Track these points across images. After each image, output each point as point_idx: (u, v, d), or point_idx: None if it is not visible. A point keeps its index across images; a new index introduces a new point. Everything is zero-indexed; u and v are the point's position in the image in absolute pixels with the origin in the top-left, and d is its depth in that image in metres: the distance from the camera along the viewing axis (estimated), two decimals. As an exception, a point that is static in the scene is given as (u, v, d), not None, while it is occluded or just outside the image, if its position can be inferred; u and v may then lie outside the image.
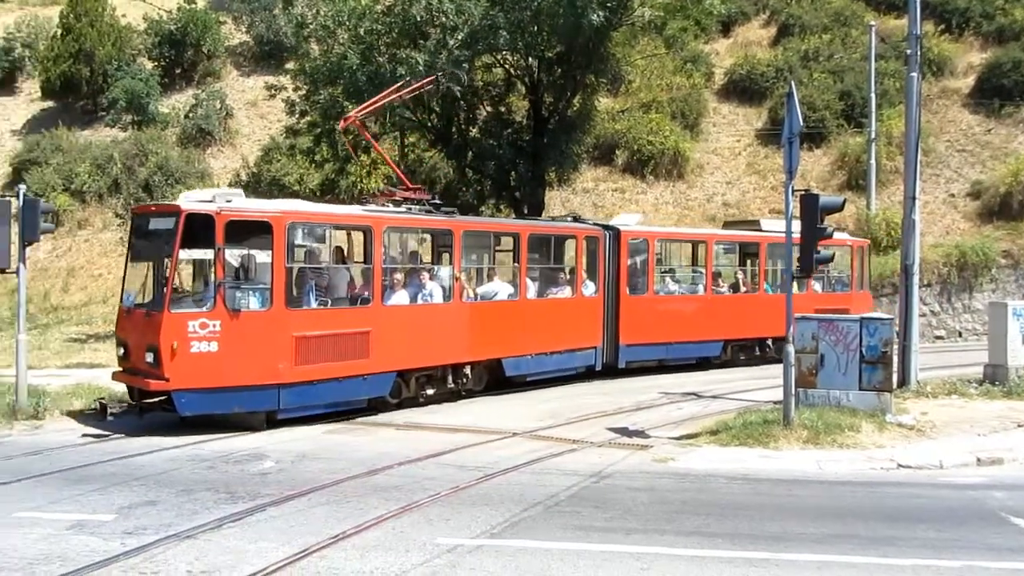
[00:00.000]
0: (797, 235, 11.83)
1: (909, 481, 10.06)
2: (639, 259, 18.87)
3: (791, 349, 11.77)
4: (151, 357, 11.60)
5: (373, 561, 6.86)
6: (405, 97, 18.33)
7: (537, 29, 21.04)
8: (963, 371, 16.93)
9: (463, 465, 10.37)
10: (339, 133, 20.93)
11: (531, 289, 16.56)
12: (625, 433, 12.48)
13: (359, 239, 14.92)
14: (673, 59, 35.41)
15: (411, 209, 14.98)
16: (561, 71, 23.08)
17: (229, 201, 12.19)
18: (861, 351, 12.62)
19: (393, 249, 15.57)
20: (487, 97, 24.67)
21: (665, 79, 34.53)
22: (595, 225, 18.49)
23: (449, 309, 14.79)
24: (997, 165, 30.16)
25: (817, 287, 21.55)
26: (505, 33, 20.64)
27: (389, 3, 22.22)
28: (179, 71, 36.88)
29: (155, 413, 12.17)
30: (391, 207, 14.80)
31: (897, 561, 7.08)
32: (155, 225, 12.56)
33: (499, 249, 17.07)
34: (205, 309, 11.78)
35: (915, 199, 15.77)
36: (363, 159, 26.70)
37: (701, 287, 20.10)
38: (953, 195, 30.21)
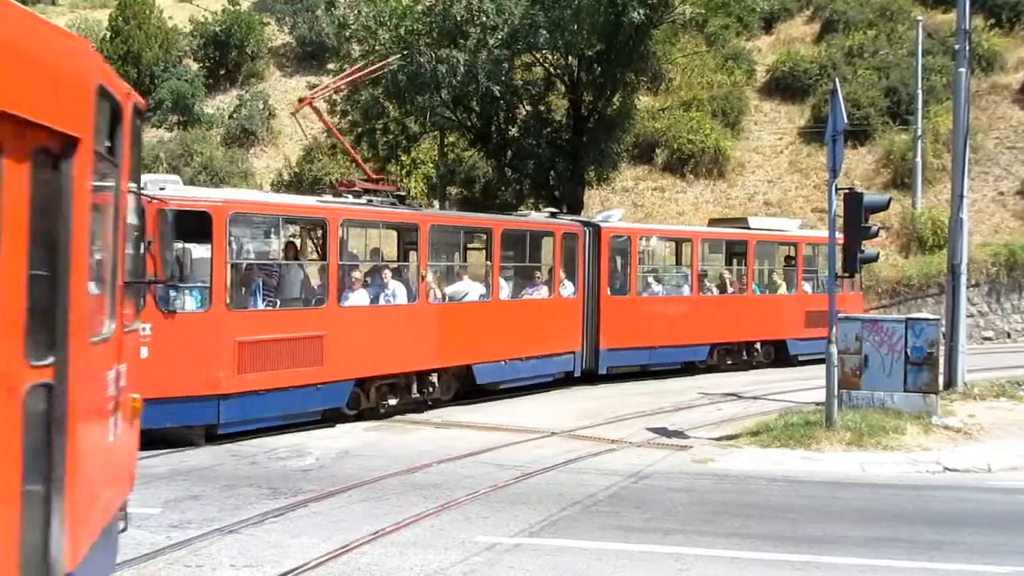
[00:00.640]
0: (830, 236, 11.68)
1: (955, 484, 9.88)
2: (621, 258, 17.90)
3: (834, 350, 11.62)
4: None
5: (412, 558, 6.91)
6: (366, 78, 17.82)
7: (577, 27, 21.02)
8: (1012, 373, 16.57)
9: (502, 464, 10.39)
10: (293, 116, 19.44)
11: (504, 289, 15.38)
12: (664, 433, 12.42)
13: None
14: (714, 56, 35.17)
15: (372, 201, 13.70)
16: (601, 69, 23.03)
17: (162, 188, 10.67)
18: (906, 352, 12.41)
19: (359, 245, 14.57)
20: (526, 96, 24.71)
21: (706, 77, 34.27)
22: (574, 221, 17.53)
23: (414, 311, 13.51)
24: (1048, 162, 29.49)
25: (807, 288, 20.84)
26: (545, 32, 20.66)
27: (430, 3, 22.36)
28: (223, 72, 37.45)
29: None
30: (351, 199, 13.57)
31: (943, 566, 6.96)
32: None
33: (471, 247, 16.11)
34: None
35: (963, 197, 15.47)
36: (403, 159, 26.87)
37: (687, 288, 19.13)
38: (1002, 193, 29.59)
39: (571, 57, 22.95)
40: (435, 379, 13.97)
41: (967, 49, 15.71)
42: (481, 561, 6.87)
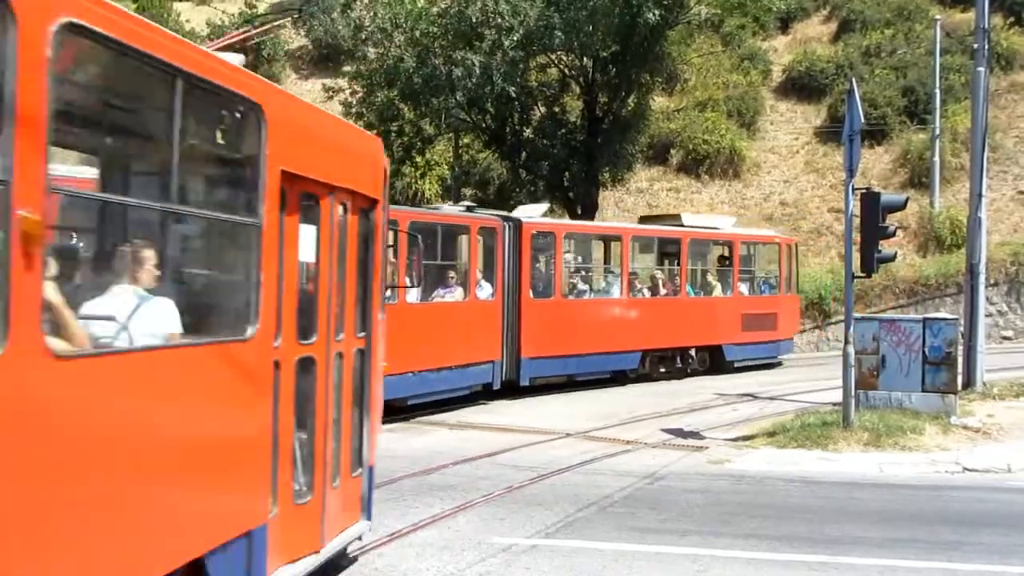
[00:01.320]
0: (847, 235, 11.62)
1: (974, 485, 9.81)
2: (544, 257, 16.63)
3: (851, 350, 11.56)
4: None
5: (429, 559, 6.92)
6: (259, 35, 16.96)
7: (592, 29, 21.00)
8: (1032, 373, 16.43)
9: (517, 465, 10.40)
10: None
11: (411, 291, 13.31)
12: (680, 434, 12.40)
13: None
14: (730, 56, 35.02)
15: None
16: (616, 70, 23.00)
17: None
18: (924, 352, 12.34)
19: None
20: (541, 97, 24.70)
21: (721, 77, 34.14)
22: (493, 215, 15.95)
23: None
24: (1068, 161, 29.23)
25: (744, 289, 19.90)
26: (560, 33, 20.65)
27: (445, 5, 22.39)
28: (240, 75, 37.63)
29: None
30: None
31: (962, 566, 6.91)
32: None
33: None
34: None
35: (981, 196, 15.36)
36: (418, 161, 26.93)
37: (616, 289, 17.61)
38: (1021, 192, 29.33)
39: (586, 58, 22.93)
40: None
41: (986, 48, 15.61)
42: (497, 563, 6.88)
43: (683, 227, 18.83)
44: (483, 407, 14.48)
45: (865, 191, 11.94)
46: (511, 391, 15.47)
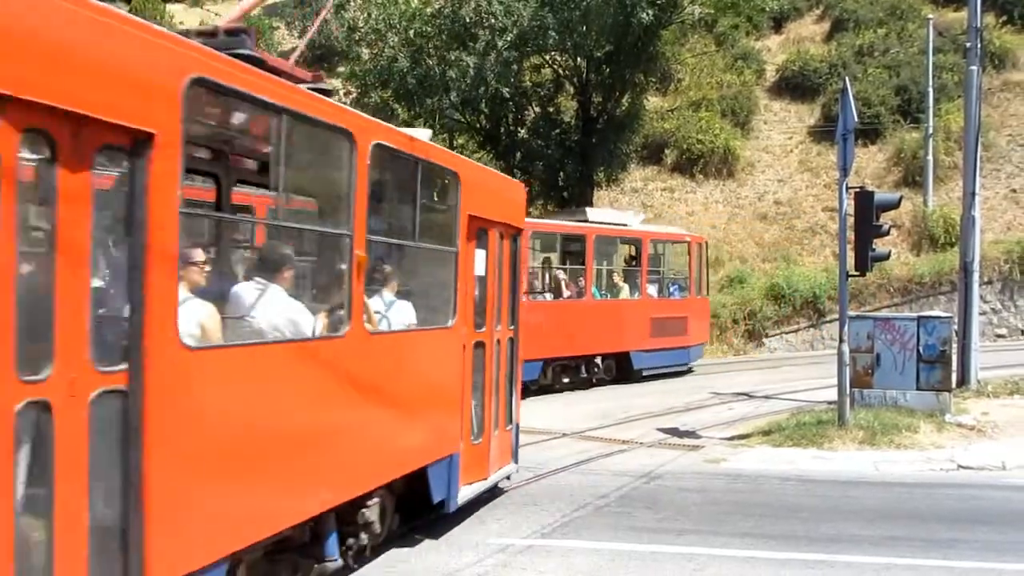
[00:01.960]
0: (841, 234, 11.64)
1: (970, 482, 9.83)
2: None
3: (846, 349, 11.58)
4: None
5: (426, 560, 6.92)
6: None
7: (586, 29, 21.03)
8: (1026, 371, 16.48)
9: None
10: None
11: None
12: (676, 434, 12.40)
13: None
14: (724, 56, 35.07)
15: None
16: (610, 70, 23.03)
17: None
18: (918, 350, 12.38)
19: None
20: (535, 98, 24.73)
21: (715, 77, 34.20)
22: None
23: None
24: (1061, 159, 29.31)
25: (652, 291, 18.59)
26: (554, 33, 20.66)
27: (439, 5, 22.39)
28: (233, 77, 37.53)
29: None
30: None
31: (958, 564, 6.93)
32: None
33: None
34: None
35: (975, 195, 15.41)
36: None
37: None
38: (1015, 190, 29.42)
39: (580, 58, 22.95)
40: None
41: (978, 46, 15.64)
42: (494, 563, 6.88)
43: (588, 223, 17.27)
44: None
45: (859, 190, 11.96)
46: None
